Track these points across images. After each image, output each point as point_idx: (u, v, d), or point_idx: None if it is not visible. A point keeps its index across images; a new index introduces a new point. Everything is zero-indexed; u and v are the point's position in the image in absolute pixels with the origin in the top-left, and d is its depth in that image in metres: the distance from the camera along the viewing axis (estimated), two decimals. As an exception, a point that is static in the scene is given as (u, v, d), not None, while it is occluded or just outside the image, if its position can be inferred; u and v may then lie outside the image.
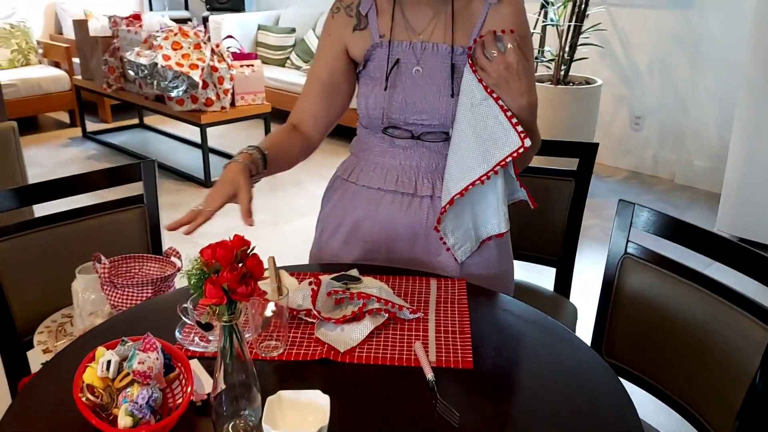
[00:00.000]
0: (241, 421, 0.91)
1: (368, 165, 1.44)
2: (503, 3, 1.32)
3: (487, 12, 1.32)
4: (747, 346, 1.20)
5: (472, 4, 1.34)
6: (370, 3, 1.38)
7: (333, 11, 1.43)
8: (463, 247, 1.39)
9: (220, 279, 0.81)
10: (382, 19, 1.37)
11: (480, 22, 1.33)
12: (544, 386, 1.04)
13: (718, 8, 3.89)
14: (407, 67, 1.35)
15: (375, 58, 1.38)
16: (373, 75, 1.38)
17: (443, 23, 1.34)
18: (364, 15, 1.38)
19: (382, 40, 1.36)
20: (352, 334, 1.13)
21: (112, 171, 1.63)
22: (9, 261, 1.48)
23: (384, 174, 1.41)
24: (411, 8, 1.35)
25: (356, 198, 1.45)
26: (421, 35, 1.35)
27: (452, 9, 1.33)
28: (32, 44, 5.52)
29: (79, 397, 0.92)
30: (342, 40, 1.40)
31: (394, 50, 1.35)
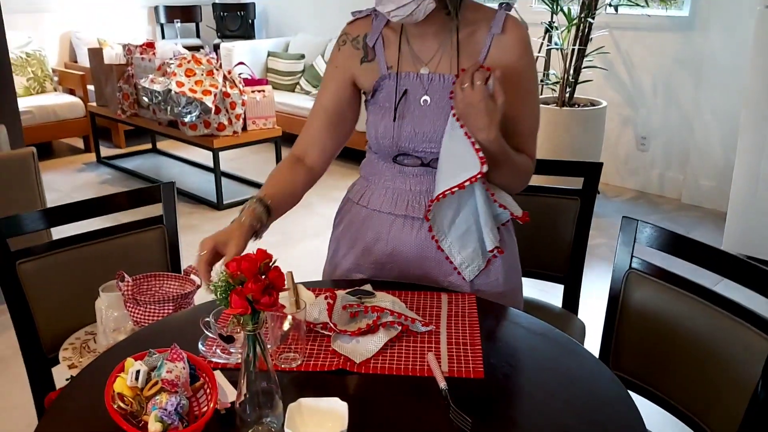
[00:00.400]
0: (264, 428, 0.96)
1: (379, 189, 1.48)
2: (507, 33, 1.35)
3: (491, 42, 1.35)
4: (748, 356, 1.24)
5: (476, 35, 1.37)
6: (377, 35, 1.42)
7: (339, 44, 1.47)
8: (471, 267, 1.43)
9: (245, 290, 0.86)
10: (389, 51, 1.41)
11: (484, 51, 1.36)
12: (552, 395, 1.08)
13: (719, 30, 3.97)
14: (415, 97, 1.39)
15: (383, 89, 1.41)
16: (381, 105, 1.42)
17: (449, 54, 1.38)
18: (372, 47, 1.42)
19: (390, 71, 1.40)
20: (367, 345, 1.18)
21: (134, 193, 1.70)
22: (35, 280, 1.54)
23: (395, 199, 1.45)
24: (417, 39, 1.39)
25: (368, 221, 1.49)
26: (428, 66, 1.39)
27: (457, 39, 1.36)
28: (47, 72, 5.65)
29: (111, 405, 0.97)
30: (350, 72, 1.44)
31: (402, 81, 1.39)
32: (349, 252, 1.53)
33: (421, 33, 1.38)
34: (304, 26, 6.43)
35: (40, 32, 5.93)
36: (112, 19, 6.41)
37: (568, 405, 1.05)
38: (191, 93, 3.89)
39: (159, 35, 6.70)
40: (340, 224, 1.58)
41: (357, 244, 1.51)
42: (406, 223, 1.45)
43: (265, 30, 7.01)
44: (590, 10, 3.76)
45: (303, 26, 6.44)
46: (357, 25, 1.45)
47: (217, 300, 0.89)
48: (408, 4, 1.25)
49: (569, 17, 3.90)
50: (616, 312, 1.51)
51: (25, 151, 2.92)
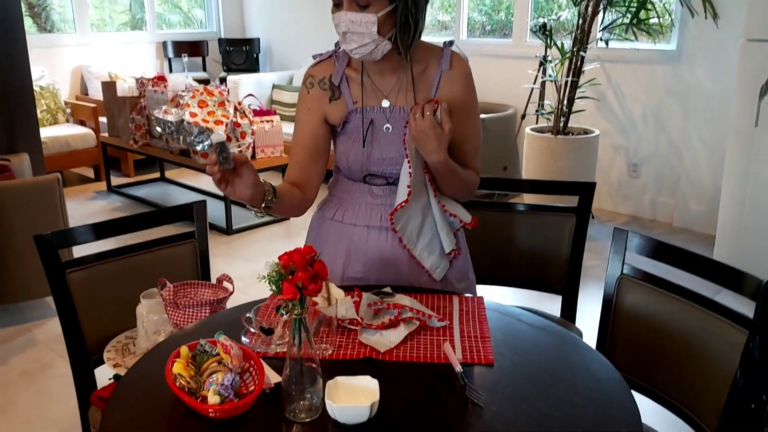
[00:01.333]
0: (306, 401, 1.11)
1: (352, 205, 1.65)
2: (453, 68, 1.56)
3: (440, 77, 1.57)
4: (727, 347, 1.39)
5: (427, 70, 1.57)
6: (340, 74, 1.60)
7: (307, 86, 1.63)
8: (439, 268, 1.64)
9: (295, 278, 1.02)
10: (354, 88, 1.60)
11: (435, 85, 1.57)
12: (555, 378, 1.24)
13: (705, 62, 4.19)
14: (379, 126, 1.58)
15: (351, 121, 1.60)
16: (350, 135, 1.60)
17: (405, 88, 1.57)
18: (337, 86, 1.60)
19: (356, 106, 1.59)
20: (390, 337, 1.33)
21: (169, 210, 1.87)
22: (82, 288, 1.70)
23: (368, 213, 1.63)
24: (376, 76, 1.58)
25: (345, 234, 1.66)
26: (388, 98, 1.58)
27: (411, 75, 1.56)
28: (60, 104, 5.85)
29: (173, 383, 1.12)
30: (321, 111, 1.62)
31: (367, 114, 1.58)
32: (332, 263, 1.67)
33: (380, 70, 1.57)
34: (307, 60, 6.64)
35: (53, 66, 6.15)
36: (122, 54, 6.64)
37: (570, 386, 1.21)
38: (204, 123, 4.07)
39: (167, 69, 6.93)
40: (315, 240, 1.74)
41: (337, 256, 1.66)
42: (380, 234, 1.63)
43: (269, 63, 7.25)
44: (582, 44, 3.98)
45: (306, 59, 6.66)
46: (320, 68, 1.63)
47: (271, 288, 1.05)
48: (368, 44, 1.45)
49: (562, 51, 4.12)
50: (610, 314, 1.67)
51: (51, 177, 3.09)
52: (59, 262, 1.66)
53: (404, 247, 1.60)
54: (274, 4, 7.02)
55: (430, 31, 6.05)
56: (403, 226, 1.58)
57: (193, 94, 4.22)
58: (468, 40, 5.57)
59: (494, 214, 2.14)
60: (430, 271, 1.63)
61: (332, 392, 1.11)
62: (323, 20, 6.45)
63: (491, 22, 5.77)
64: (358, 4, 1.42)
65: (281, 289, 1.03)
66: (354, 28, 1.43)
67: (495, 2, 5.64)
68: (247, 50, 7.07)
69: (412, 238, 1.60)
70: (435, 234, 1.61)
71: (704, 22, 4.08)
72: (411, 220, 1.58)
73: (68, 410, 2.48)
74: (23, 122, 3.55)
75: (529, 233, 2.12)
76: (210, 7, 7.38)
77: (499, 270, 2.17)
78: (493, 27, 5.72)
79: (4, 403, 2.54)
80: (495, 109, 4.87)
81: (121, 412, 1.15)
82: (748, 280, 1.37)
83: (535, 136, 4.14)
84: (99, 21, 6.93)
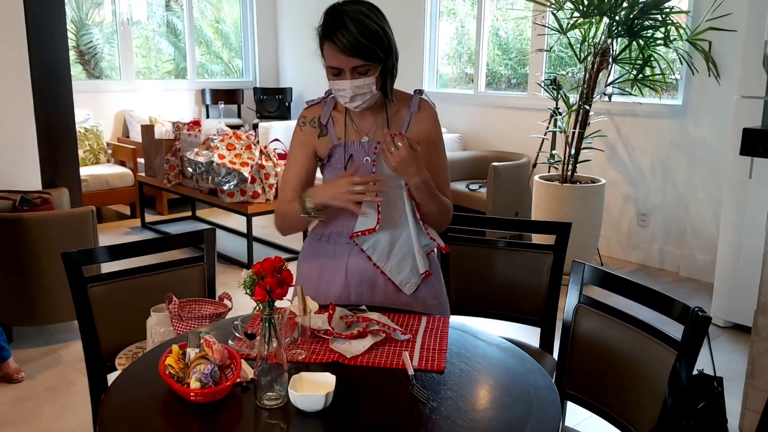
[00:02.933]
0: (274, 393, 1.31)
1: (336, 229, 1.87)
2: (421, 111, 1.84)
3: (410, 118, 1.84)
4: (660, 366, 1.55)
5: (399, 113, 1.84)
6: (327, 115, 1.87)
7: (300, 125, 1.89)
8: (409, 284, 1.84)
9: (264, 283, 1.23)
10: (338, 126, 1.86)
11: (406, 124, 1.83)
12: (495, 382, 1.42)
13: (709, 117, 4.36)
14: (359, 158, 1.83)
15: (335, 155, 1.85)
16: (335, 166, 1.86)
17: (381, 125, 1.84)
18: (325, 125, 1.87)
19: (340, 141, 1.85)
20: (357, 346, 1.53)
21: (184, 235, 2.11)
22: (101, 301, 1.93)
23: (350, 233, 1.84)
24: (357, 117, 1.85)
25: (331, 253, 1.87)
26: (367, 135, 1.84)
27: (386, 116, 1.83)
28: (102, 145, 6.25)
29: (164, 372, 1.33)
30: (312, 146, 1.88)
31: (348, 148, 1.84)
32: (318, 280, 1.89)
33: (360, 112, 1.84)
34: (336, 109, 7.00)
35: (99, 110, 6.59)
36: (163, 100, 7.07)
37: (506, 389, 1.38)
38: (231, 164, 4.37)
39: (204, 115, 7.34)
40: (308, 259, 1.94)
41: (325, 272, 1.88)
42: (361, 254, 1.84)
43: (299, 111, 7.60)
44: (587, 99, 4.19)
45: (335, 109, 7.01)
46: (311, 110, 1.90)
47: (245, 291, 1.26)
48: (369, 99, 1.75)
49: (569, 104, 4.34)
50: (568, 340, 1.84)
51: (86, 209, 3.39)
52: (82, 277, 1.90)
53: (374, 265, 1.81)
54: (306, 56, 7.41)
55: (458, 83, 6.35)
56: (371, 247, 1.80)
57: (222, 138, 4.53)
58: (485, 92, 5.83)
59: (478, 250, 2.33)
60: (400, 287, 1.83)
61: (296, 384, 1.30)
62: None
63: (516, 75, 6.04)
64: (359, 73, 1.70)
65: (253, 291, 1.24)
66: (359, 92, 1.72)
67: (520, 57, 5.91)
68: (280, 99, 7.45)
69: (382, 257, 1.82)
70: (407, 254, 1.82)
71: (708, 79, 4.27)
72: (380, 242, 1.80)
73: (87, 421, 2.70)
74: (65, 160, 3.88)
75: (510, 268, 2.30)
76: (247, 57, 7.82)
77: (481, 302, 2.34)
78: (518, 80, 5.99)
79: (28, 415, 2.77)
80: (509, 157, 5.08)
81: (120, 396, 1.36)
82: (676, 305, 1.54)
83: (544, 184, 4.32)
84: (145, 69, 7.41)
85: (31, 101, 3.61)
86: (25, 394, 2.92)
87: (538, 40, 5.19)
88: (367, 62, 1.68)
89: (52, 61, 3.69)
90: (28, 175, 3.67)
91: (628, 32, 4.04)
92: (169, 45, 7.73)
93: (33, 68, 3.59)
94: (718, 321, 3.77)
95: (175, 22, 7.68)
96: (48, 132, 3.74)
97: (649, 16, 4.04)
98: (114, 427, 1.22)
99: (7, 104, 3.55)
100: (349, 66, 1.68)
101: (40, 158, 3.71)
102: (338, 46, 1.67)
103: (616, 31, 4.06)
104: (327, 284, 1.88)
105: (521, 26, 5.78)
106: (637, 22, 4.02)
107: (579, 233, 4.08)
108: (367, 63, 1.68)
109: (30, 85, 3.59)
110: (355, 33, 1.65)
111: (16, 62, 3.54)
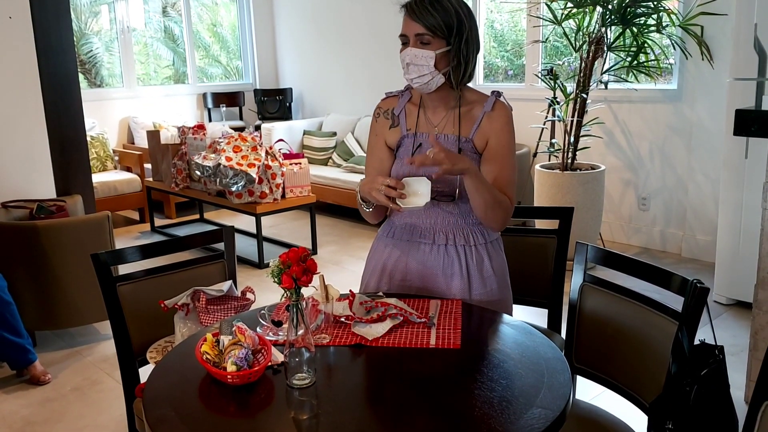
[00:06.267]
0: (303, 372, 1.41)
1: (400, 225, 1.97)
2: (495, 111, 1.87)
3: (483, 116, 1.87)
4: (663, 337, 1.65)
5: (473, 110, 1.88)
6: (401, 107, 1.96)
7: (375, 116, 1.99)
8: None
9: (290, 271, 1.33)
10: (410, 119, 1.94)
11: (478, 122, 1.87)
12: (508, 355, 1.51)
13: (704, 100, 4.45)
14: (426, 149, 1.87)
15: (404, 145, 1.93)
16: (402, 156, 1.93)
17: (452, 120, 1.90)
18: (397, 116, 1.96)
19: (409, 132, 1.93)
20: (377, 329, 1.63)
21: (204, 234, 2.21)
22: (131, 298, 2.03)
23: (411, 230, 1.94)
24: (430, 110, 1.93)
25: (395, 249, 1.97)
26: (437, 128, 1.91)
27: (459, 111, 1.89)
28: (109, 153, 6.35)
29: (201, 357, 1.43)
30: (383, 136, 1.97)
31: (418, 138, 1.92)
32: (382, 272, 1.98)
33: (434, 106, 1.92)
34: (336, 107, 7.10)
35: (103, 118, 6.69)
36: (165, 106, 7.17)
37: (519, 362, 1.48)
38: (238, 166, 4.47)
39: (206, 118, 7.43)
40: (375, 253, 2.04)
41: (388, 265, 1.97)
42: (419, 247, 1.92)
43: (301, 111, 7.71)
44: (584, 87, 4.28)
45: (334, 107, 7.11)
46: (387, 102, 1.99)
47: (273, 279, 1.36)
48: (425, 75, 1.80)
49: (566, 93, 4.43)
50: (575, 317, 1.94)
51: (102, 214, 3.49)
52: (111, 277, 2.00)
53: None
54: (305, 56, 7.51)
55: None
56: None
57: (228, 141, 4.63)
58: (484, 84, 5.92)
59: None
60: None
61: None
62: (351, 72, 6.90)
63: (513, 67, 6.13)
64: (421, 42, 1.78)
65: (281, 280, 1.34)
66: (416, 61, 1.78)
67: (516, 49, 6.00)
68: (281, 100, 7.55)
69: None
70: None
71: (701, 63, 4.36)
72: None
73: (115, 417, 2.81)
74: (77, 168, 3.98)
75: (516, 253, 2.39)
76: (246, 59, 7.92)
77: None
78: (515, 72, 6.07)
79: (58, 414, 2.87)
80: (509, 148, 5.17)
81: (161, 382, 1.46)
82: (675, 279, 1.64)
83: (545, 172, 4.42)
84: (144, 75, 7.51)
85: (42, 113, 3.71)
86: (52, 395, 3.03)
87: (533, 31, 5.28)
88: (429, 32, 1.76)
89: (62, 73, 3.79)
90: (42, 184, 3.77)
91: (622, 20, 4.13)
92: (168, 50, 7.82)
93: (43, 81, 3.69)
94: (720, 299, 3.87)
95: (172, 28, 7.78)
96: (60, 142, 3.84)
97: (641, 4, 4.13)
98: (159, 409, 1.32)
99: (21, 117, 3.65)
100: (413, 32, 1.78)
101: (53, 167, 3.81)
102: (408, 11, 1.78)
103: (609, 20, 4.15)
104: (389, 276, 1.96)
105: (516, 18, 5.87)
106: (630, 10, 4.11)
107: (581, 219, 4.18)
108: (429, 33, 1.76)
109: (41, 98, 3.69)
110: (427, 2, 1.76)
111: (27, 75, 3.63)
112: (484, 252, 1.91)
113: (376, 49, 6.53)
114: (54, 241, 3.33)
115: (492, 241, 1.94)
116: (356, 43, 6.77)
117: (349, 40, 6.86)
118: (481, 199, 1.79)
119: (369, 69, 6.67)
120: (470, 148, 1.86)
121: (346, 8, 6.83)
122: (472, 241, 1.90)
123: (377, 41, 6.51)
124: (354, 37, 6.79)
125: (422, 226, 1.92)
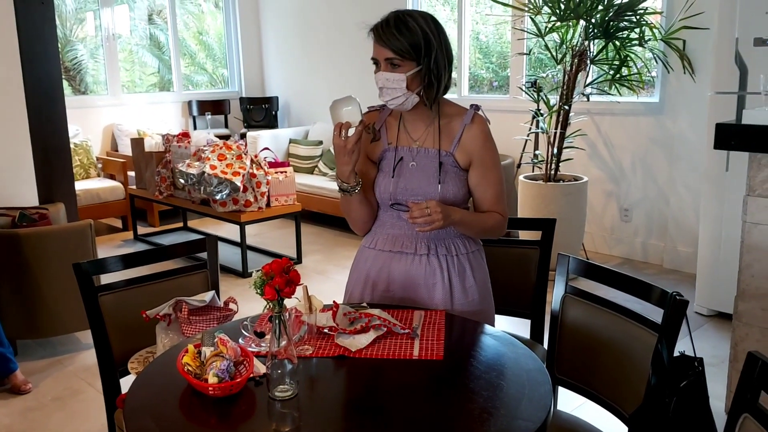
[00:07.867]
0: (285, 384, 1.40)
1: (383, 235, 1.98)
2: (474, 124, 1.90)
3: (462, 129, 1.89)
4: (643, 349, 1.66)
5: (452, 123, 1.91)
6: (382, 121, 1.98)
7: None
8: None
9: (273, 282, 1.33)
10: (391, 132, 1.96)
11: (458, 135, 1.89)
12: (490, 367, 1.52)
13: (685, 113, 4.51)
14: (407, 162, 1.92)
15: (385, 158, 1.95)
16: (384, 170, 1.95)
17: (432, 134, 1.92)
18: (378, 130, 1.97)
19: (390, 146, 1.95)
20: (361, 340, 1.63)
21: (188, 244, 2.20)
22: (112, 308, 2.02)
23: (393, 241, 1.95)
24: (410, 124, 1.95)
25: (377, 259, 1.98)
26: (417, 141, 1.93)
27: (438, 125, 1.91)
28: (92, 160, 6.31)
29: (182, 368, 1.43)
30: (366, 150, 1.98)
31: (399, 152, 1.93)
32: (365, 282, 1.99)
33: (413, 120, 1.94)
34: (322, 116, 7.10)
35: (87, 125, 6.64)
36: (150, 113, 7.14)
37: (500, 374, 1.49)
38: (222, 174, 4.46)
39: (191, 126, 7.41)
40: (358, 262, 2.05)
41: (370, 275, 1.98)
42: (401, 257, 1.94)
43: (287, 120, 7.71)
44: (567, 99, 4.33)
45: (320, 116, 7.11)
46: (369, 116, 2.00)
47: (256, 291, 1.36)
48: (399, 97, 1.83)
49: (549, 106, 4.47)
50: (557, 328, 1.95)
51: (84, 223, 3.47)
52: (93, 287, 1.99)
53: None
54: (291, 65, 7.52)
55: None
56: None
57: (213, 149, 4.62)
58: (469, 96, 5.96)
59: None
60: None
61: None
62: (336, 80, 6.92)
63: (498, 78, 6.17)
64: (391, 64, 1.80)
65: (264, 291, 1.34)
66: (388, 85, 1.81)
67: (501, 60, 6.05)
68: (266, 108, 7.54)
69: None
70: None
71: (683, 76, 4.42)
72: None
73: (95, 427, 2.78)
74: (60, 176, 3.95)
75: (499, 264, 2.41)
76: (233, 68, 7.91)
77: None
78: (500, 83, 6.12)
79: (38, 424, 2.84)
80: (494, 159, 5.20)
81: (142, 393, 1.45)
82: (655, 291, 1.66)
83: (528, 183, 4.45)
84: (129, 83, 7.48)
85: (26, 120, 3.69)
86: (33, 405, 3.00)
87: (517, 43, 5.33)
88: (397, 56, 1.78)
89: (46, 80, 3.77)
90: (25, 192, 3.74)
91: (605, 34, 4.18)
92: (153, 58, 7.80)
93: (27, 87, 3.67)
94: (701, 310, 3.91)
95: (157, 35, 7.76)
96: (43, 149, 3.81)
97: (624, 18, 4.18)
98: (140, 420, 1.32)
99: (4, 124, 3.62)
100: (383, 57, 1.81)
101: (36, 175, 3.78)
102: (375, 36, 1.81)
103: (592, 33, 4.20)
104: (371, 286, 1.97)
105: (501, 30, 5.92)
106: (613, 24, 4.16)
107: (564, 230, 4.20)
108: (397, 56, 1.78)
109: (25, 105, 3.67)
110: (392, 26, 1.78)
111: (11, 82, 3.61)
112: (465, 262, 1.93)
113: (363, 58, 6.55)
114: (36, 249, 3.30)
115: (473, 251, 1.96)
116: (343, 52, 6.79)
117: (336, 49, 6.88)
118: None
119: (355, 78, 6.69)
120: (451, 162, 1.88)
121: (332, 18, 6.86)
122: (453, 251, 1.92)
123: (364, 51, 6.51)
124: (340, 46, 6.81)
125: (404, 236, 1.94)
